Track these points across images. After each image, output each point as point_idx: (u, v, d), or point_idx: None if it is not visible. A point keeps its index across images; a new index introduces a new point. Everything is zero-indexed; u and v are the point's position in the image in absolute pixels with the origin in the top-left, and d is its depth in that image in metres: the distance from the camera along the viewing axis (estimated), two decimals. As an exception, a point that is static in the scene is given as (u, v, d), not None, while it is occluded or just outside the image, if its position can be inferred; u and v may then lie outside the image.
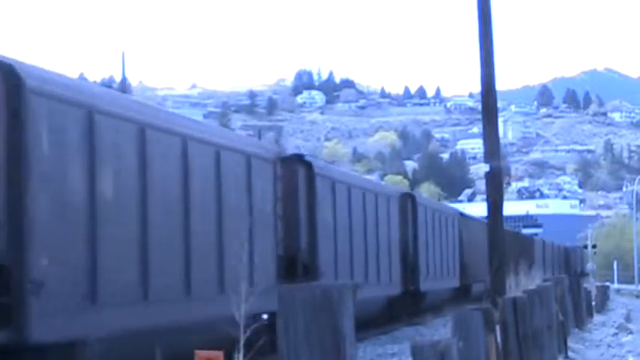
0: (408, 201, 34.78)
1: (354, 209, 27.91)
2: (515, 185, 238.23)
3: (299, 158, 24.27)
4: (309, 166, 24.41)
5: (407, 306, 34.27)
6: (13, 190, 12.47)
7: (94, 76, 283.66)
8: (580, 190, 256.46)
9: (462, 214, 45.42)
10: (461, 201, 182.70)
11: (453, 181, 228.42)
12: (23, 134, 12.60)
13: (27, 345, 12.47)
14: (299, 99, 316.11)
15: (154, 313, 15.68)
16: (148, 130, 15.69)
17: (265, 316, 15.87)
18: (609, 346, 25.12)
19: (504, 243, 22.62)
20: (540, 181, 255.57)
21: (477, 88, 65.79)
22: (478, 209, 65.47)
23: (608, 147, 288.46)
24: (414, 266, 34.44)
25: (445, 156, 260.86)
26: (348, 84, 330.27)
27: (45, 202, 13.00)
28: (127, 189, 15.09)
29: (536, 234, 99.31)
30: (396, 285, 32.45)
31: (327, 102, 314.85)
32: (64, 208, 13.51)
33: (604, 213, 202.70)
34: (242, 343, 8.70)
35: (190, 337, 15.91)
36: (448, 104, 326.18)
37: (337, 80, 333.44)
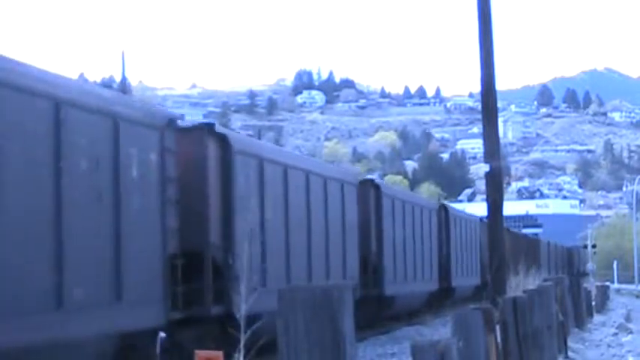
0: (442, 212, 41.76)
1: (407, 221, 34.74)
2: (515, 185, 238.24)
3: (372, 182, 32.51)
4: (377, 187, 32.18)
5: (442, 299, 41.12)
6: None
7: (94, 76, 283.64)
8: (580, 190, 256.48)
9: (481, 220, 48.33)
10: (461, 201, 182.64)
11: (453, 181, 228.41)
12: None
13: None
14: (299, 99, 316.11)
15: None
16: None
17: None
18: (609, 346, 25.11)
19: (504, 243, 22.62)
20: (540, 181, 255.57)
21: (477, 88, 65.78)
22: (478, 209, 65.45)
23: (608, 147, 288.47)
24: (447, 266, 41.47)
25: (445, 156, 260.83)
26: (348, 84, 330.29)
27: None
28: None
29: (536, 234, 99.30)
30: (435, 281, 39.28)
31: (327, 102, 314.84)
32: None
33: (604, 213, 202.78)
34: (242, 343, 8.69)
35: None
36: (448, 104, 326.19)
37: (337, 80, 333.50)
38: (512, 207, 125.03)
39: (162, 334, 15.26)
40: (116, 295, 14.82)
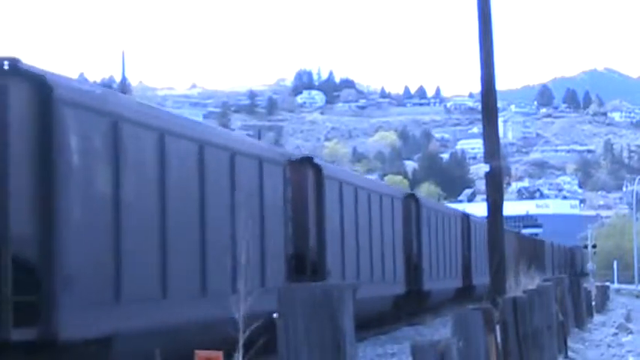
0: (465, 221, 46.13)
1: (438, 227, 39.03)
2: (515, 185, 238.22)
3: (413, 196, 34.75)
4: (417, 200, 35.36)
5: (465, 295, 43.26)
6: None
7: (94, 76, 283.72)
8: (580, 190, 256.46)
9: (468, 218, 51.50)
10: (461, 201, 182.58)
11: (453, 181, 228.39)
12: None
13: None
14: (299, 99, 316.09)
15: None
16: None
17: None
18: (609, 346, 25.11)
19: (504, 243, 22.62)
20: (540, 181, 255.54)
21: (477, 88, 65.83)
22: (478, 209, 65.46)
23: (608, 147, 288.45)
24: (468, 265, 45.77)
25: (445, 156, 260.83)
26: (348, 84, 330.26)
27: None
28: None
29: (536, 234, 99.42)
30: (459, 279, 43.88)
31: (327, 102, 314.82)
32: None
33: (604, 213, 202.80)
34: (241, 343, 8.69)
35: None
36: (448, 104, 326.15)
37: (337, 80, 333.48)
38: (512, 207, 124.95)
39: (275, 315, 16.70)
40: (260, 283, 18.58)
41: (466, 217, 47.29)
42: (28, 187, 13.08)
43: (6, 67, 13.03)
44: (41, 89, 13.29)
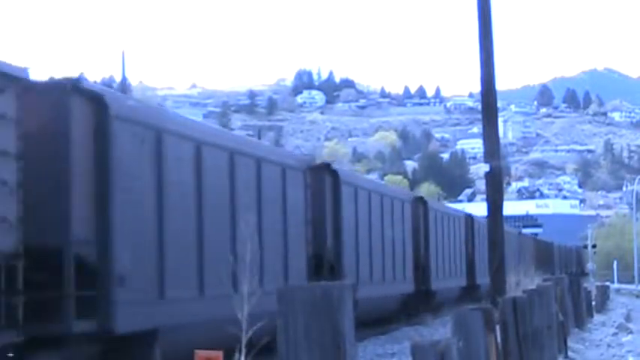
0: (469, 221, 47.47)
1: (444, 230, 40.67)
2: (515, 185, 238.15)
3: (422, 199, 37.04)
4: (425, 203, 37.75)
5: (470, 293, 44.54)
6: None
7: (94, 76, 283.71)
8: (580, 190, 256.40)
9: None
10: (461, 201, 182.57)
11: (453, 181, 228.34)
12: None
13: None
14: (299, 99, 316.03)
15: None
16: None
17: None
18: (609, 346, 25.11)
19: (504, 243, 22.64)
20: (540, 181, 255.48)
21: (477, 88, 65.83)
22: (478, 209, 65.47)
23: (608, 147, 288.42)
24: (472, 264, 47.31)
25: (445, 156, 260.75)
26: (348, 84, 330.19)
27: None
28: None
29: (536, 234, 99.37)
30: (464, 278, 45.34)
31: (327, 102, 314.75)
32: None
33: (604, 213, 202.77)
34: (243, 343, 8.68)
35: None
36: (448, 104, 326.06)
37: (337, 80, 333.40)
38: (512, 207, 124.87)
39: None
40: (284, 282, 20.67)
41: (470, 218, 48.51)
42: (86, 195, 14.48)
43: (69, 87, 14.24)
44: (99, 106, 14.68)
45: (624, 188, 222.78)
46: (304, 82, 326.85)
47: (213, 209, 17.99)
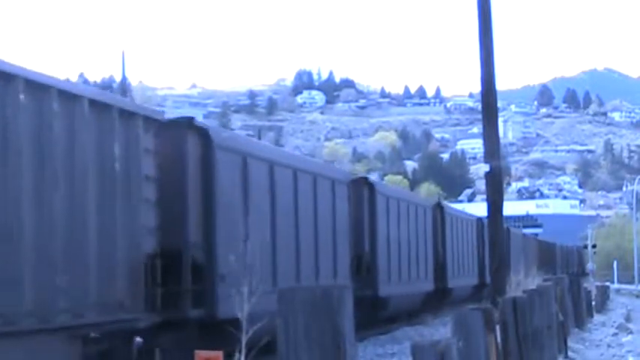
0: (480, 224, 48.76)
1: (457, 232, 43.52)
2: (515, 185, 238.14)
3: (439, 204, 41.31)
4: (442, 208, 41.61)
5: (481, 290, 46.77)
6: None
7: (94, 76, 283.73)
8: (580, 190, 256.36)
9: (508, 229, 54.78)
10: (461, 201, 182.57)
11: (453, 181, 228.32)
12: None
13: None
14: (299, 99, 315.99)
15: None
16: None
17: None
18: (609, 346, 25.11)
19: (504, 243, 22.64)
20: (540, 181, 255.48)
21: (477, 88, 65.86)
22: (478, 209, 65.49)
23: (608, 147, 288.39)
24: (483, 264, 48.19)
25: (445, 156, 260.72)
26: (348, 84, 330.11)
27: None
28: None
29: (536, 234, 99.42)
30: (475, 277, 48.03)
31: (327, 102, 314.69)
32: None
33: (604, 213, 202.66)
34: (244, 343, 8.69)
35: None
36: (448, 104, 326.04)
37: (337, 80, 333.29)
38: (512, 207, 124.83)
39: None
40: (333, 280, 24.92)
41: (480, 221, 50.26)
42: (197, 210, 18.37)
43: (185, 125, 18.48)
44: (205, 139, 18.77)
45: (624, 188, 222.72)
46: (304, 82, 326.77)
47: (283, 218, 22.11)
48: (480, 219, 50.66)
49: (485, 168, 22.13)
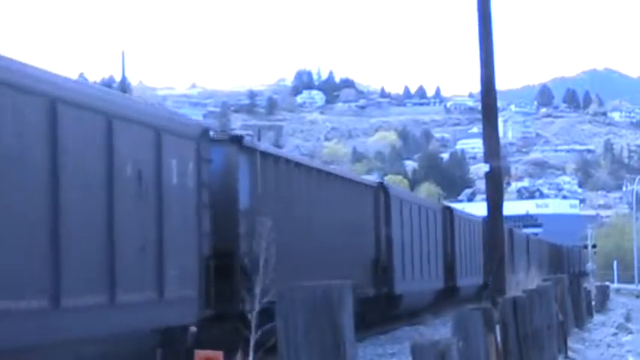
0: (485, 225, 51.58)
1: (463, 233, 46.19)
2: (515, 185, 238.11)
3: (449, 209, 44.36)
4: (451, 211, 44.47)
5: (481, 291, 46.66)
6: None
7: (94, 75, 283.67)
8: (580, 190, 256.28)
9: (510, 230, 56.90)
10: (461, 201, 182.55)
11: (453, 181, 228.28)
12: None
13: None
14: (299, 99, 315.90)
15: None
16: None
17: None
18: (609, 345, 25.11)
19: (504, 243, 22.64)
20: (540, 181, 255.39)
21: (477, 88, 65.87)
22: (478, 209, 65.51)
23: (608, 147, 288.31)
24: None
25: (445, 156, 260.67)
26: (348, 84, 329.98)
27: None
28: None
29: (536, 234, 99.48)
30: (480, 276, 48.56)
31: (327, 102, 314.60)
32: None
33: (604, 213, 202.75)
34: (252, 342, 8.67)
35: None
36: (448, 104, 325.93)
37: (337, 80, 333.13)
38: (512, 207, 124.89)
39: None
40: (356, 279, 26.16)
41: (486, 222, 50.35)
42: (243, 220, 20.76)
43: (235, 141, 21.01)
44: (251, 153, 21.35)
45: (624, 188, 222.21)
46: (304, 82, 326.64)
47: (324, 228, 25.10)
48: (485, 220, 51.13)
49: (485, 168, 22.14)
